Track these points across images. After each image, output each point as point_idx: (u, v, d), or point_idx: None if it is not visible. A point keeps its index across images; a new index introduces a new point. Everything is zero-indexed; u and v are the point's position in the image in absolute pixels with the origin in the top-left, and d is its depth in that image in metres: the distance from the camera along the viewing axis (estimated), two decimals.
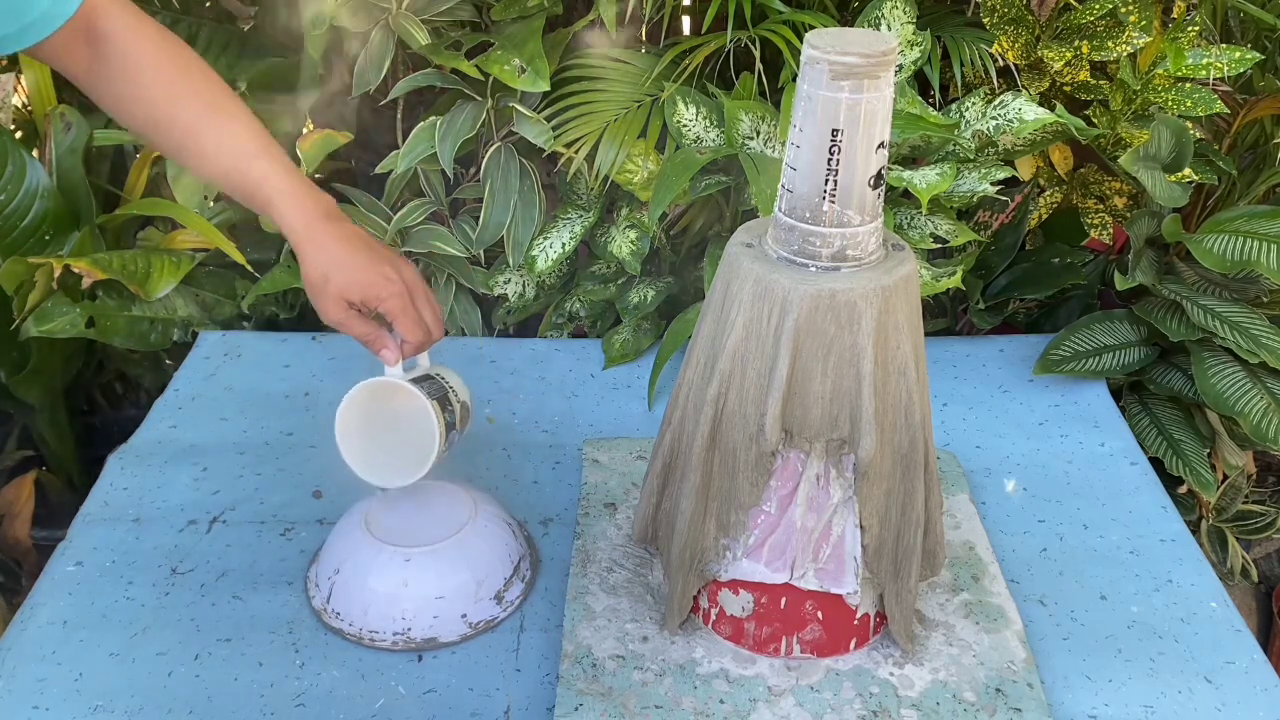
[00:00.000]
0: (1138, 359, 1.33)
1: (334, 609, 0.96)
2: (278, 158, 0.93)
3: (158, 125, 0.92)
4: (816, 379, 0.80)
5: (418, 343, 0.95)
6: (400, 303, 0.93)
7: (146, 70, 0.91)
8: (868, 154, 0.75)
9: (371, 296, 0.92)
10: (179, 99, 0.92)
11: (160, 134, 0.93)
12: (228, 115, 0.93)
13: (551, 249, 1.36)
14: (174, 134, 0.92)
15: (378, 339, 0.95)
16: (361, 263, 0.92)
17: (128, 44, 0.91)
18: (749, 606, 0.90)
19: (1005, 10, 1.29)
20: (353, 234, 0.93)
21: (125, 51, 0.91)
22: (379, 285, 0.92)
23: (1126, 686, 0.93)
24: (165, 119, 0.92)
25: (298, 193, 0.92)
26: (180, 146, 0.93)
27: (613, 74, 1.35)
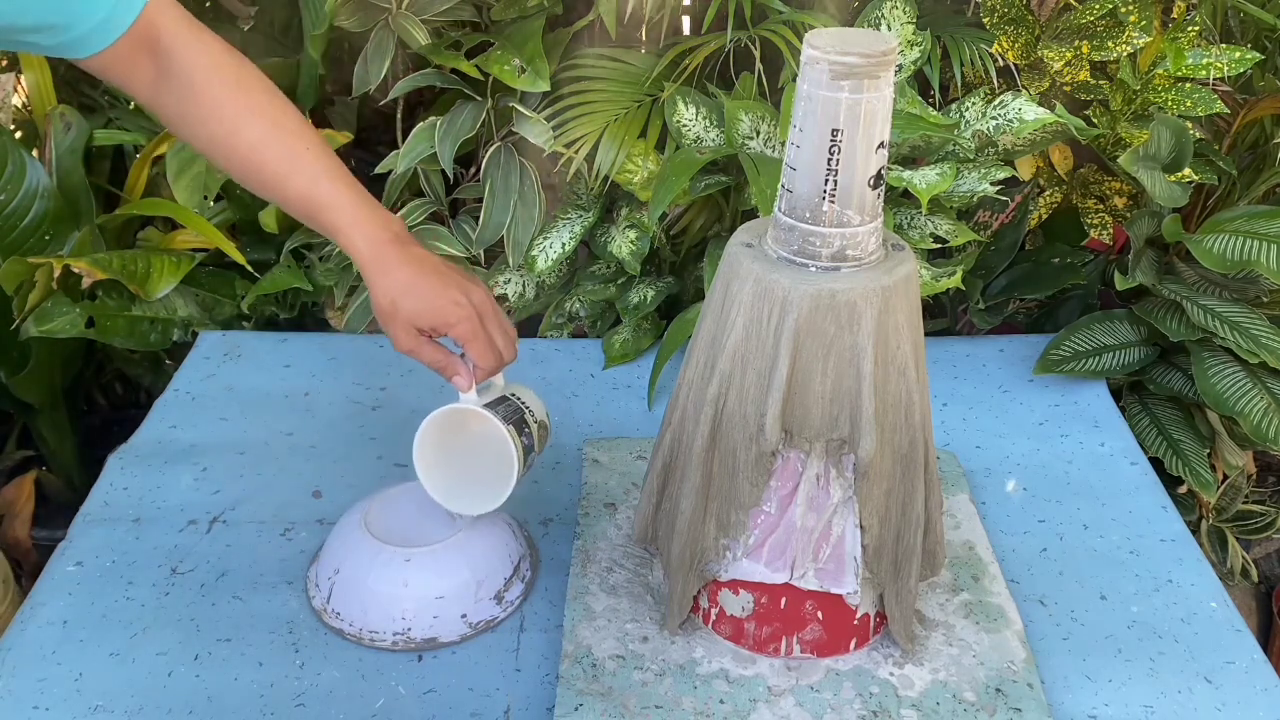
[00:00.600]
0: (1138, 359, 1.33)
1: (334, 609, 0.96)
2: (344, 179, 0.91)
3: (222, 145, 0.90)
4: (816, 379, 0.80)
5: (489, 368, 0.93)
6: (470, 327, 0.91)
7: (211, 87, 0.89)
8: (868, 154, 0.75)
9: (441, 323, 0.90)
10: (242, 117, 0.90)
11: (224, 153, 0.91)
12: (292, 135, 0.91)
13: (551, 249, 1.36)
14: (238, 153, 0.90)
15: (450, 365, 0.93)
16: (430, 288, 0.90)
17: (190, 60, 0.89)
18: (749, 606, 0.90)
19: (1005, 10, 1.29)
20: (421, 258, 0.91)
21: (189, 68, 0.89)
22: (448, 311, 0.90)
23: (1126, 686, 0.93)
24: (228, 138, 0.90)
25: (364, 217, 0.90)
26: (245, 167, 0.91)
27: (613, 74, 1.35)
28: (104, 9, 0.84)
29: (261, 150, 0.90)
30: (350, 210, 0.90)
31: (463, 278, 0.93)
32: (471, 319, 0.91)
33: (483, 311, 0.92)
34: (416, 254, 0.91)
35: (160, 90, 0.90)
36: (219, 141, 0.90)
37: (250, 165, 0.91)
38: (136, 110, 1.56)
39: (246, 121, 0.90)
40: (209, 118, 0.90)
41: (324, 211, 0.90)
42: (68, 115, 1.48)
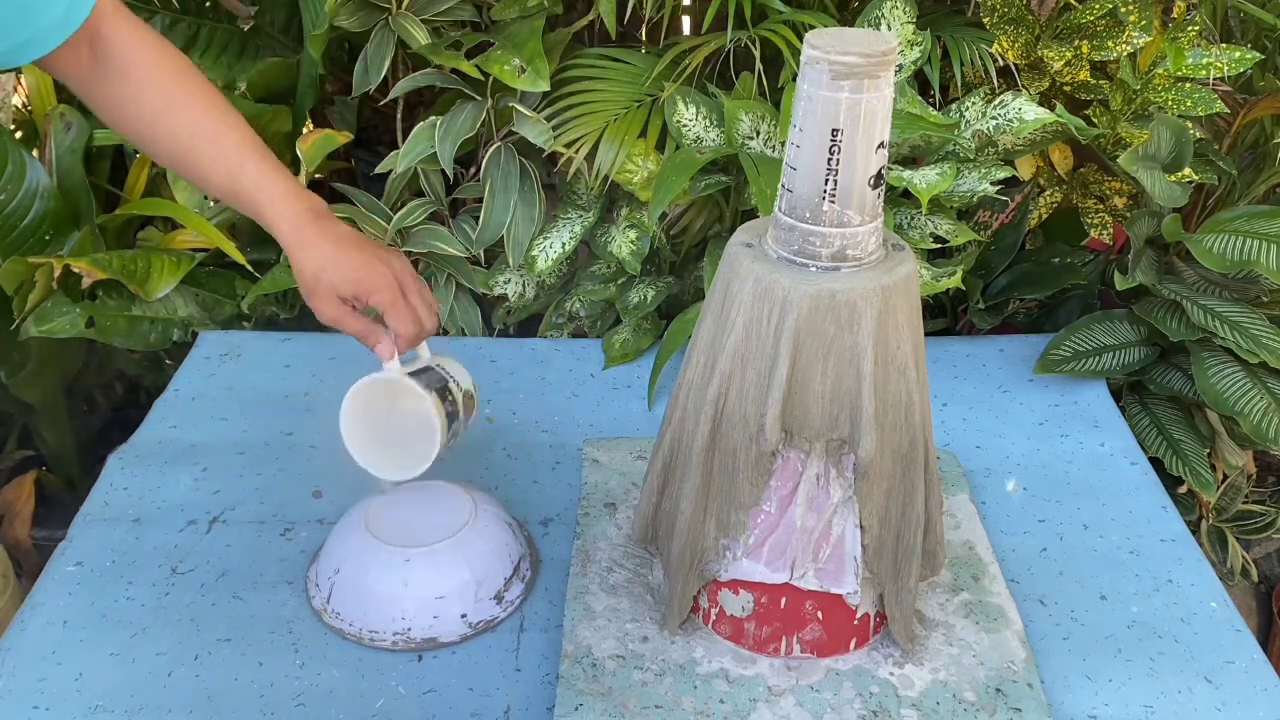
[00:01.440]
0: (1138, 359, 1.33)
1: (334, 609, 0.96)
2: (270, 162, 0.95)
3: (154, 128, 0.93)
4: (816, 379, 0.80)
5: (409, 335, 0.96)
6: (390, 295, 0.94)
7: (146, 74, 0.92)
8: (868, 154, 0.75)
9: (363, 290, 0.93)
10: (176, 103, 0.93)
11: (156, 137, 0.94)
12: (223, 122, 0.94)
13: (551, 249, 1.36)
14: (169, 138, 0.94)
15: (372, 334, 0.96)
16: (351, 258, 0.93)
17: (128, 49, 0.92)
18: (749, 606, 0.90)
19: (1005, 10, 1.29)
20: (343, 232, 0.95)
21: (126, 56, 0.91)
22: (369, 279, 0.93)
23: (1126, 686, 0.93)
24: (163, 123, 0.93)
25: (289, 195, 0.94)
26: (173, 150, 0.94)
27: (613, 74, 1.35)
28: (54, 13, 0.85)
29: (193, 134, 0.93)
30: (275, 189, 0.93)
31: (382, 249, 0.97)
32: (391, 287, 0.94)
33: (402, 280, 0.96)
34: (339, 229, 0.95)
35: (95, 76, 0.92)
36: (150, 123, 0.93)
37: (179, 149, 0.94)
38: None
39: (180, 108, 0.93)
40: (142, 100, 0.92)
41: (251, 191, 0.93)
42: (68, 115, 1.47)
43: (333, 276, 0.93)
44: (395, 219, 1.40)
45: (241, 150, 0.94)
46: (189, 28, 1.53)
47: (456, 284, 1.44)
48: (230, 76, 1.53)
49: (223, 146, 0.93)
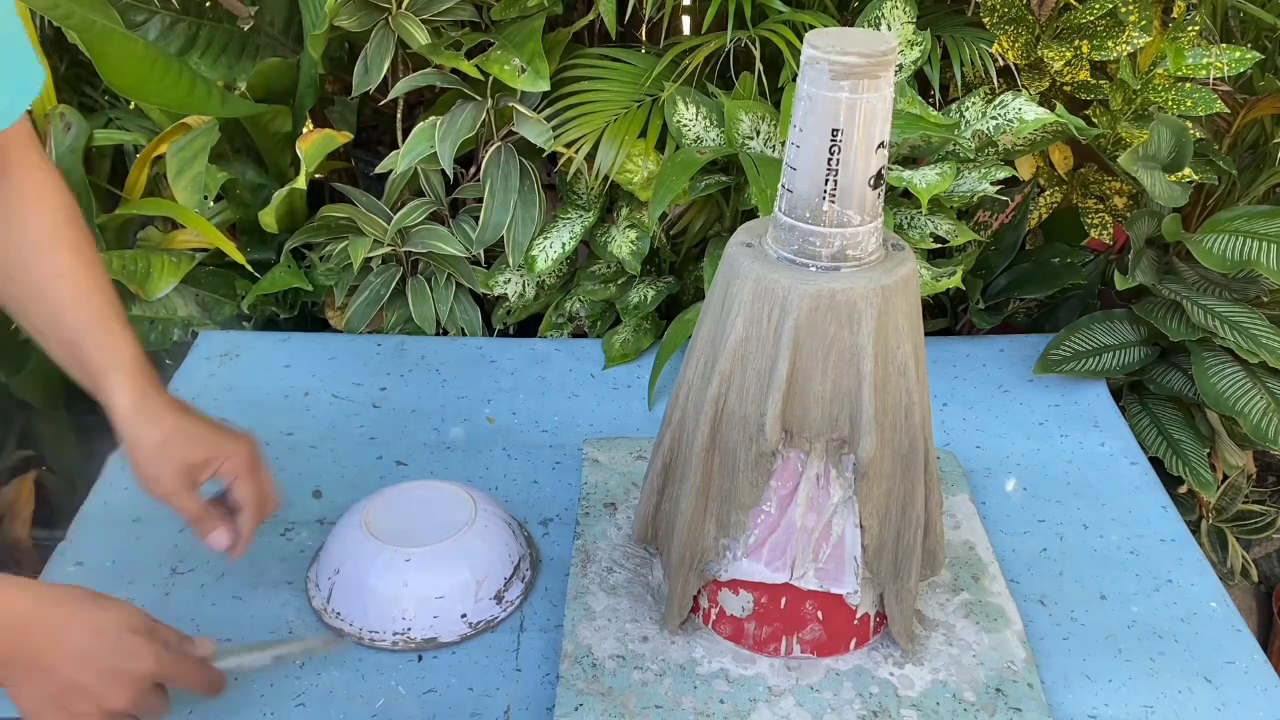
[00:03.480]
0: (1138, 359, 1.33)
1: (334, 609, 0.96)
2: (129, 329, 0.90)
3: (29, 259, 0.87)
4: (816, 379, 0.80)
5: (256, 511, 0.90)
6: (242, 462, 0.89)
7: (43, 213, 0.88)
8: (868, 154, 0.75)
9: (215, 455, 0.88)
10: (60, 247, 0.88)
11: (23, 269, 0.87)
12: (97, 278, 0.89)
13: (551, 249, 1.36)
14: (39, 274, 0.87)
15: (207, 520, 0.89)
16: (199, 427, 0.89)
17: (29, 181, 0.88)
18: (749, 606, 0.90)
19: (1005, 10, 1.29)
20: (184, 406, 0.90)
21: (26, 187, 0.87)
22: (223, 444, 0.89)
23: (1126, 686, 0.93)
24: (40, 256, 0.87)
25: (140, 369, 0.88)
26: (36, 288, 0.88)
27: (613, 74, 1.35)
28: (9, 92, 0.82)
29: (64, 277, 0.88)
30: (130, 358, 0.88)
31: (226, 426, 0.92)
32: (245, 454, 0.89)
33: (254, 453, 0.91)
34: (179, 402, 0.91)
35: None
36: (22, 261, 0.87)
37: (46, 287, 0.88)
38: (136, 110, 1.56)
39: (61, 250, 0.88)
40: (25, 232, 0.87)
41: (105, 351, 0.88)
42: (68, 115, 1.47)
43: (182, 443, 0.87)
44: (395, 219, 1.40)
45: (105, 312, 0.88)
46: (189, 28, 1.53)
47: (456, 284, 1.44)
48: (230, 76, 1.52)
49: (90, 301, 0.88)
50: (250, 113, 1.45)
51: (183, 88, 1.34)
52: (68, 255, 0.88)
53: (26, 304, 0.89)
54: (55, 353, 0.90)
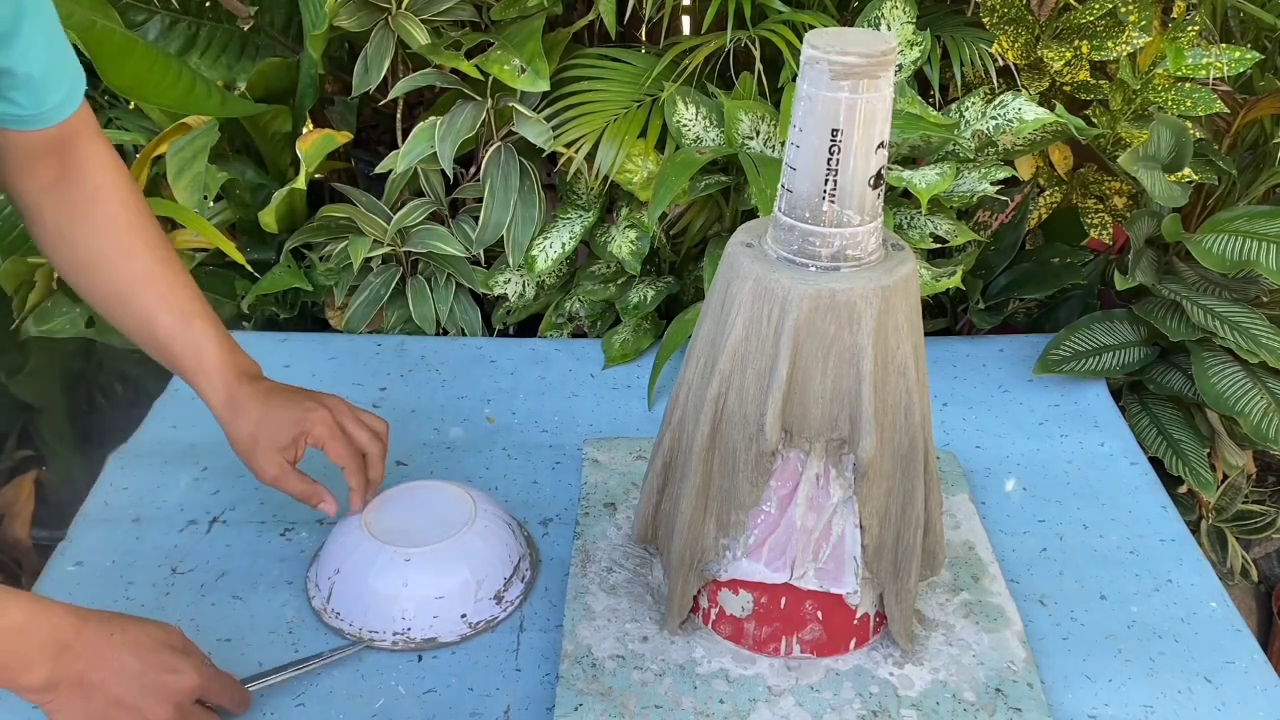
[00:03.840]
0: (1138, 359, 1.33)
1: (334, 609, 0.96)
2: (215, 323, 0.94)
3: (109, 261, 0.91)
4: (816, 379, 0.80)
5: (354, 465, 0.96)
6: (325, 429, 0.95)
7: (117, 209, 0.91)
8: (868, 154, 0.75)
9: (300, 432, 0.94)
10: (137, 246, 0.92)
11: (104, 271, 0.92)
12: (176, 275, 0.93)
13: (551, 249, 1.36)
14: (118, 278, 0.92)
15: (314, 494, 0.96)
16: (280, 407, 0.94)
17: (103, 178, 0.91)
18: (749, 606, 0.90)
19: (1005, 10, 1.29)
20: (269, 388, 0.95)
21: (99, 184, 0.90)
22: (303, 420, 0.94)
23: (1126, 686, 0.93)
24: (121, 258, 0.92)
25: (227, 364, 0.94)
26: (120, 292, 0.92)
27: (613, 74, 1.35)
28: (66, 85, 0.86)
29: (145, 281, 0.92)
30: (216, 354, 0.93)
31: (310, 393, 0.97)
32: (324, 422, 0.95)
33: (336, 411, 0.96)
34: (265, 386, 0.95)
35: (54, 195, 0.90)
36: (104, 260, 0.91)
37: (127, 292, 0.92)
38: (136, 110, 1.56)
39: (138, 250, 0.92)
40: (104, 234, 0.91)
41: (191, 351, 0.93)
42: None
43: (269, 430, 0.93)
44: (395, 219, 1.40)
45: (188, 310, 0.93)
46: (189, 28, 1.53)
47: (456, 284, 1.44)
48: (230, 76, 1.52)
49: (171, 302, 0.92)
50: (250, 113, 1.45)
51: (183, 88, 1.34)
52: (148, 257, 0.92)
53: (112, 306, 0.94)
54: (148, 350, 0.95)
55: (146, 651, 0.78)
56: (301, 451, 0.96)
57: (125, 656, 0.77)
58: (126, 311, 0.93)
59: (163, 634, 0.80)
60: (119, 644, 0.77)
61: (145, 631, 0.79)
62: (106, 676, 0.76)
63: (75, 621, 0.76)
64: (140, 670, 0.77)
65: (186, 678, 0.79)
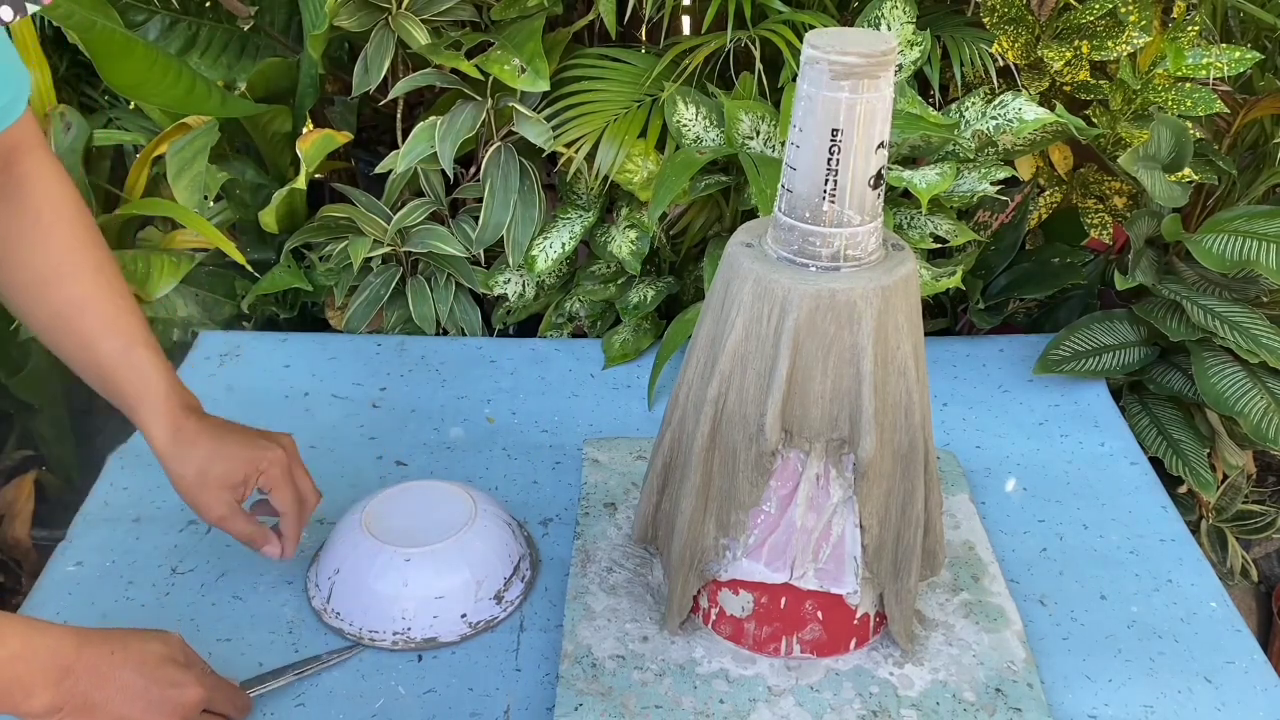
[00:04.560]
0: (1138, 359, 1.33)
1: (334, 609, 0.96)
2: (158, 352, 0.90)
3: (51, 283, 0.87)
4: (816, 379, 0.80)
5: (293, 513, 0.93)
6: (280, 471, 0.92)
7: (60, 228, 0.87)
8: (868, 154, 0.75)
9: (252, 471, 0.90)
10: (82, 268, 0.87)
11: (45, 293, 0.87)
12: (121, 299, 0.89)
13: (551, 249, 1.36)
14: (59, 299, 0.87)
15: (259, 537, 0.93)
16: (233, 446, 0.90)
17: (48, 195, 0.87)
18: (749, 606, 0.90)
19: (1005, 10, 1.29)
20: (217, 424, 0.91)
21: (42, 201, 0.87)
22: (256, 459, 0.90)
23: (1126, 686, 0.93)
24: (62, 281, 0.87)
25: (171, 394, 0.89)
26: (60, 314, 0.88)
27: (613, 74, 1.35)
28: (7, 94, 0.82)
29: (88, 303, 0.88)
30: (160, 384, 0.89)
31: (262, 432, 0.94)
32: (280, 463, 0.92)
33: (289, 455, 0.93)
34: (213, 421, 0.92)
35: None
36: (44, 280, 0.87)
37: (68, 314, 0.88)
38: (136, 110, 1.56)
39: (83, 272, 0.88)
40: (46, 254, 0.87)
41: (134, 380, 0.89)
42: (68, 115, 1.47)
43: (220, 467, 0.89)
44: (395, 219, 1.40)
45: (133, 337, 0.89)
46: (189, 28, 1.53)
47: (456, 284, 1.44)
48: (230, 76, 1.52)
49: (115, 327, 0.88)
50: (250, 113, 1.45)
51: (183, 88, 1.34)
52: (90, 280, 0.88)
53: (54, 330, 0.89)
54: (86, 377, 0.91)
55: (150, 668, 0.77)
56: (249, 491, 0.91)
57: (128, 674, 0.76)
58: (67, 336, 0.89)
59: (164, 647, 0.79)
60: (120, 662, 0.76)
61: (147, 647, 0.78)
62: (111, 695, 0.75)
63: (75, 642, 0.75)
64: (144, 687, 0.76)
65: (190, 691, 0.78)
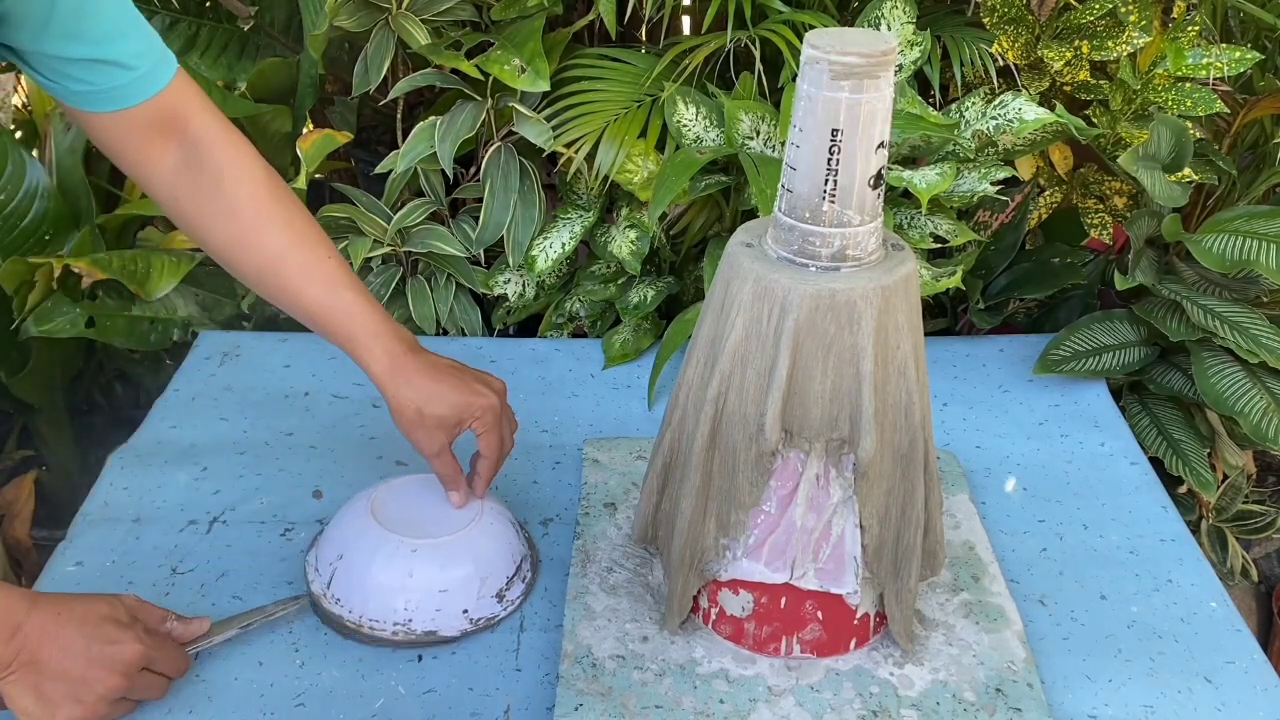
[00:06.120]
0: (1138, 359, 1.33)
1: (334, 595, 0.96)
2: (363, 293, 0.94)
3: (247, 241, 0.92)
4: (816, 379, 0.80)
5: (494, 461, 0.98)
6: (492, 417, 0.95)
7: (241, 186, 0.91)
8: (868, 154, 0.75)
9: (467, 416, 0.94)
10: (271, 223, 0.92)
11: (246, 257, 0.93)
12: (316, 247, 0.94)
13: (551, 249, 1.36)
14: (258, 257, 0.93)
15: (455, 479, 0.98)
16: (452, 388, 0.94)
17: (224, 156, 0.91)
18: (749, 606, 0.90)
19: (1005, 10, 1.29)
20: (435, 363, 0.95)
21: (220, 164, 0.91)
22: (472, 405, 0.94)
23: (1126, 686, 0.93)
24: (257, 237, 0.92)
25: (382, 331, 0.93)
26: (262, 271, 0.93)
27: (613, 74, 1.35)
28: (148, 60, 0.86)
29: (285, 258, 0.92)
30: (369, 324, 0.93)
31: (480, 374, 0.98)
32: (492, 410, 0.95)
33: (501, 403, 0.97)
34: (431, 360, 0.95)
35: (183, 179, 0.91)
36: (239, 242, 0.92)
37: (269, 270, 0.93)
38: None
39: (274, 229, 0.92)
40: (235, 216, 0.92)
41: (344, 322, 0.93)
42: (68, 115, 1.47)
43: (437, 409, 0.93)
44: (395, 219, 1.40)
45: (334, 281, 0.93)
46: (189, 28, 1.53)
47: (456, 284, 1.44)
48: (230, 76, 1.53)
49: (316, 275, 0.93)
50: (250, 113, 1.45)
51: None
52: (282, 234, 0.92)
53: (260, 286, 0.95)
54: (310, 326, 0.95)
55: (91, 627, 0.81)
56: (460, 432, 0.96)
57: (70, 633, 0.80)
58: (275, 289, 0.94)
59: (108, 608, 0.83)
60: (65, 621, 0.80)
61: (91, 608, 0.82)
62: (54, 652, 0.79)
63: (26, 604, 0.80)
64: (85, 645, 0.80)
65: (128, 649, 0.82)
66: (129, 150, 0.90)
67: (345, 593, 0.96)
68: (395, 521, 0.97)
